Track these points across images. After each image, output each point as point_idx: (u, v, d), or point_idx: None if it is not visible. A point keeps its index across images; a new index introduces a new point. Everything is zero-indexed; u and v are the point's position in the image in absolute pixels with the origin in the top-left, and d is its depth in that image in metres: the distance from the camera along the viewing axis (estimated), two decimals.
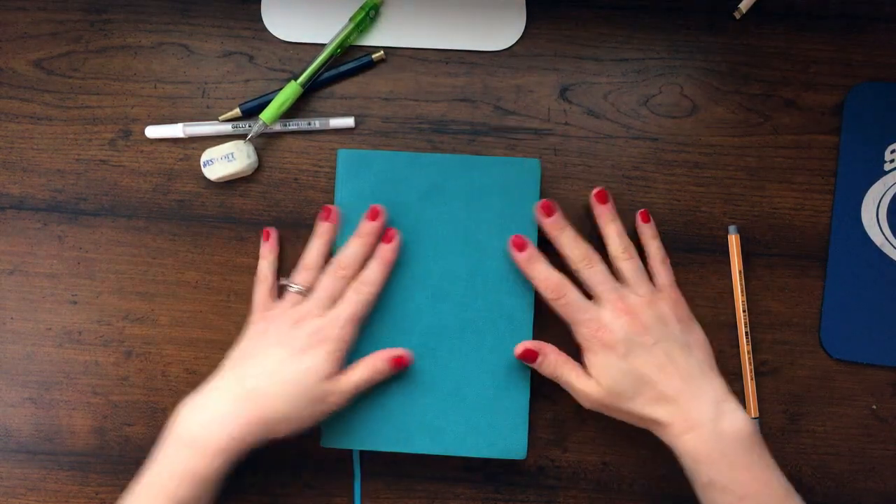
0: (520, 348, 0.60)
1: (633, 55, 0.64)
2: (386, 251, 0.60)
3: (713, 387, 0.57)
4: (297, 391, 0.56)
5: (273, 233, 0.63)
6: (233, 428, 0.55)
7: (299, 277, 0.61)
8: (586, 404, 0.59)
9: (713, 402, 0.56)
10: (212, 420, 0.55)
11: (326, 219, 0.61)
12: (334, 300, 0.59)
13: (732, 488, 0.54)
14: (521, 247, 0.59)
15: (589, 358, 0.58)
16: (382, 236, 0.60)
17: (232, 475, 0.56)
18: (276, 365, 0.57)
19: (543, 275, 0.59)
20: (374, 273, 0.59)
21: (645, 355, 0.57)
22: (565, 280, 0.59)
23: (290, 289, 0.60)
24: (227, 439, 0.55)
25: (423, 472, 0.64)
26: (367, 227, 0.60)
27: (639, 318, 0.57)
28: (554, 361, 0.59)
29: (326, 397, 0.57)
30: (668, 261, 0.62)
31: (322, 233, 0.61)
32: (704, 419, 0.55)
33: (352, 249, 0.60)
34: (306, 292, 0.60)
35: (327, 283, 0.59)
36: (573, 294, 0.58)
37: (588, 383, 0.58)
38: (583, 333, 0.58)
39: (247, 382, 0.56)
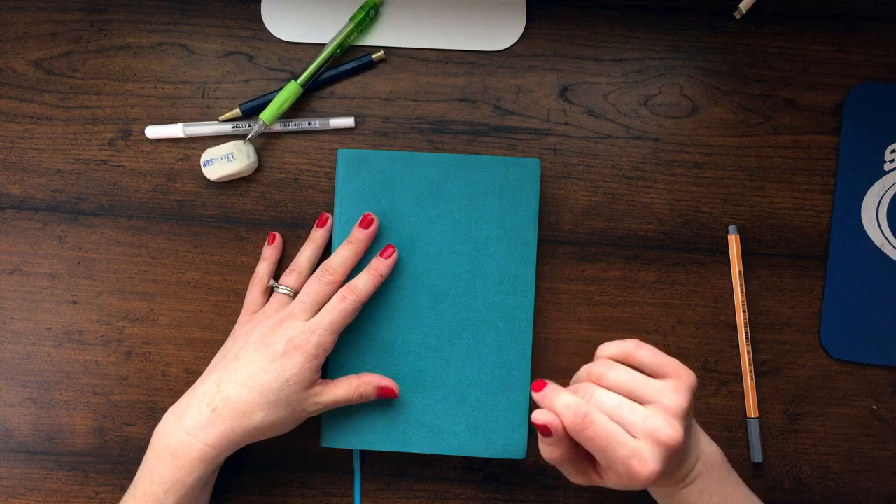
0: (538, 418, 0.50)
1: (633, 55, 0.64)
2: (381, 265, 0.60)
3: (696, 439, 0.54)
4: (275, 399, 0.56)
5: (278, 237, 0.63)
6: (211, 438, 0.55)
7: (288, 280, 0.61)
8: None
9: (694, 450, 0.54)
10: (191, 429, 0.55)
11: (321, 226, 0.62)
12: (319, 305, 0.58)
13: None
14: (538, 387, 0.52)
15: (610, 478, 0.52)
16: (381, 251, 0.60)
17: (226, 473, 0.56)
18: (254, 372, 0.56)
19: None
20: (362, 283, 0.59)
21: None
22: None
23: (278, 290, 0.60)
24: (206, 448, 0.55)
25: (423, 472, 0.64)
26: (358, 235, 0.60)
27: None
28: (560, 458, 0.52)
29: (306, 407, 0.57)
30: (651, 352, 0.53)
31: (315, 238, 0.62)
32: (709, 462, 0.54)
33: (341, 255, 0.60)
34: (294, 295, 0.60)
35: (313, 287, 0.59)
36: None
37: (595, 480, 0.53)
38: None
39: (226, 390, 0.56)
